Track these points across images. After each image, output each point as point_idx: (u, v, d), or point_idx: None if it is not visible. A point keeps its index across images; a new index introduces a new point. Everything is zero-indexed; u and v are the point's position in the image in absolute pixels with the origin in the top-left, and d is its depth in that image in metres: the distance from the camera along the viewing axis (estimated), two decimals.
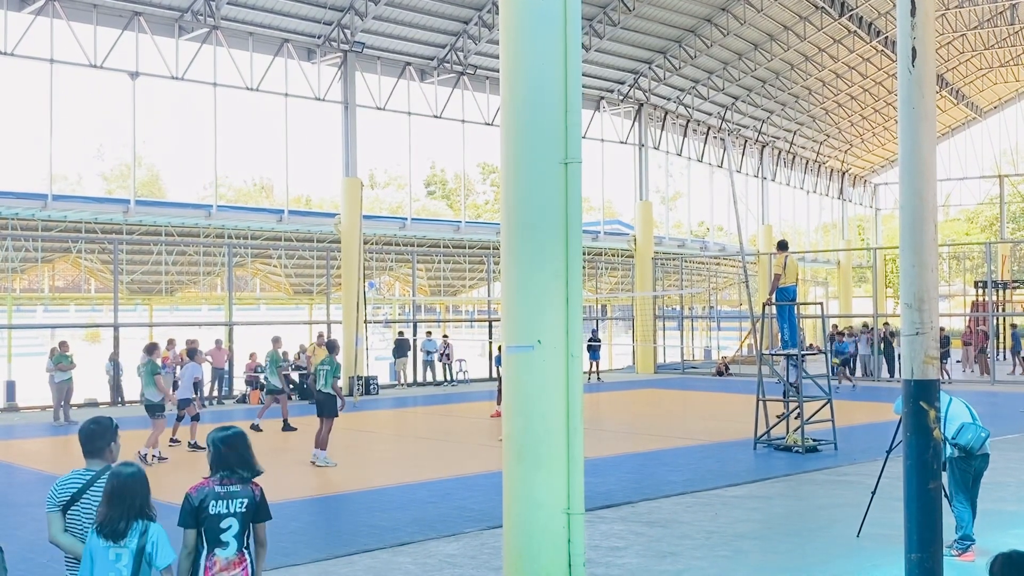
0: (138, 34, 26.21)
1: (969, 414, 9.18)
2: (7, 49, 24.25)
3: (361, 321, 26.82)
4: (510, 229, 7.49)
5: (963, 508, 9.10)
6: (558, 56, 7.34)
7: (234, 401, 26.19)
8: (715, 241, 47.61)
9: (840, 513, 11.02)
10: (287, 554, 9.44)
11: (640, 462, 15.54)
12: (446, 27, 31.48)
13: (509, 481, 7.45)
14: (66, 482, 5.04)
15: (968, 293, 47.81)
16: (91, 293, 34.60)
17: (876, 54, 43.21)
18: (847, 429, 17.48)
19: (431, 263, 37.12)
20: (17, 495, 12.90)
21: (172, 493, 12.83)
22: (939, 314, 6.61)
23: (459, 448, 17.11)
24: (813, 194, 53.70)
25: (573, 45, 7.41)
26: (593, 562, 8.76)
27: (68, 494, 4.99)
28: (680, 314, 41.44)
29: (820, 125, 49.46)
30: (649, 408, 24.38)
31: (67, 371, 21.71)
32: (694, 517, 10.99)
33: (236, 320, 28.93)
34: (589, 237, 38.22)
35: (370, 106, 31.17)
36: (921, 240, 6.26)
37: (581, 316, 7.52)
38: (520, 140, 7.44)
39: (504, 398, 7.72)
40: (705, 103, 41.79)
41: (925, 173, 6.29)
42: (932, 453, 6.27)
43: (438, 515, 11.30)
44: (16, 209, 26.64)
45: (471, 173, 63.25)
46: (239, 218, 32.05)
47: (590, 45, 33.85)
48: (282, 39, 28.89)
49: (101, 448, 5.16)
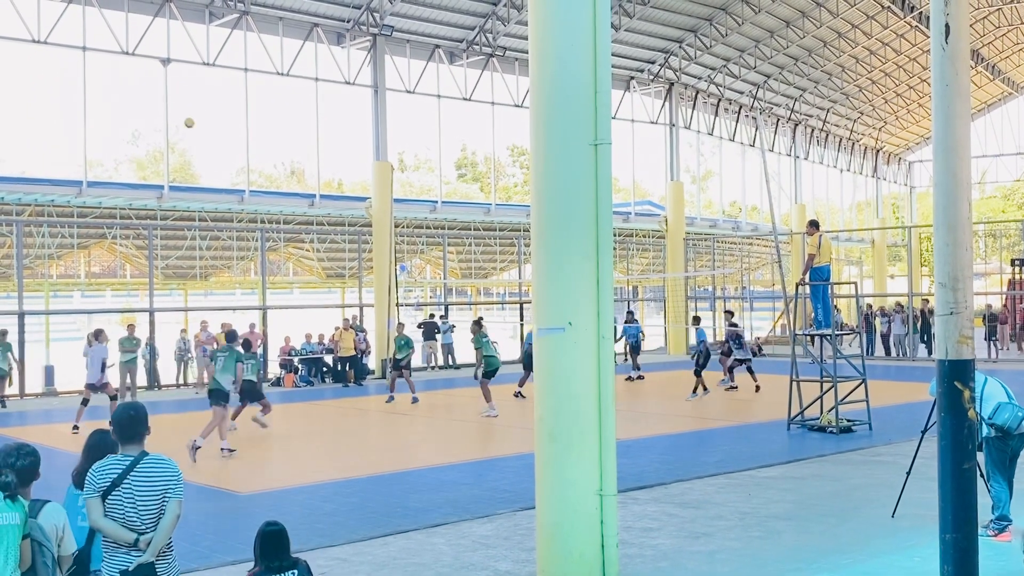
0: (169, 20, 26.35)
1: (1005, 393, 9.09)
2: (41, 37, 24.48)
3: (393, 304, 26.93)
4: (540, 211, 7.49)
5: (1000, 488, 9.02)
6: (587, 37, 7.31)
7: (269, 384, 26.42)
8: (747, 221, 47.29)
9: (875, 493, 10.96)
10: (323, 535, 9.54)
11: (672, 443, 15.53)
12: (475, 9, 31.40)
13: (541, 462, 7.48)
14: (104, 468, 5.10)
15: (1005, 271, 47.19)
16: (127, 278, 35.03)
17: (910, 30, 42.62)
18: (882, 409, 17.36)
19: (462, 246, 37.16)
20: (57, 478, 13.10)
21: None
22: (974, 293, 6.54)
23: (491, 429, 17.17)
24: (847, 172, 53.17)
25: (602, 25, 7.37)
26: (626, 543, 8.78)
27: (108, 480, 5.05)
28: (712, 295, 41.25)
29: (854, 103, 48.89)
30: (681, 389, 24.31)
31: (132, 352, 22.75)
32: (727, 498, 10.97)
33: (270, 304, 29.14)
34: (620, 218, 38.04)
35: (400, 89, 31.19)
36: (955, 219, 6.20)
37: (612, 298, 7.52)
38: (550, 122, 7.43)
39: (536, 380, 7.74)
40: (737, 82, 41.41)
41: (959, 151, 6.21)
42: (967, 433, 6.22)
43: (471, 496, 11.36)
44: (52, 196, 26.95)
45: (501, 155, 63.23)
46: (271, 203, 32.24)
47: (619, 25, 33.63)
48: (312, 23, 28.94)
49: (141, 434, 5.22)
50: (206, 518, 10.46)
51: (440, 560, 8.61)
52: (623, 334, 27.66)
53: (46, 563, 4.84)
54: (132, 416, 5.22)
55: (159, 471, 5.13)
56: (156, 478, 5.10)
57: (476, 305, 40.83)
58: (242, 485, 12.43)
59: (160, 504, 5.09)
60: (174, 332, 28.60)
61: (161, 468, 5.14)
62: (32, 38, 24.40)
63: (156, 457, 5.19)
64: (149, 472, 5.10)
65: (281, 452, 15.69)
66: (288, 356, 27.46)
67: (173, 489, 5.13)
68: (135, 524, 5.04)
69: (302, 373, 27.24)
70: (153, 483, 5.08)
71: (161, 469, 5.14)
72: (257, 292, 29.57)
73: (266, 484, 12.56)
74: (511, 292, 44.58)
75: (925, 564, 7.96)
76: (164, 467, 5.16)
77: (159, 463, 5.16)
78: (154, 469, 5.12)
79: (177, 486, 5.16)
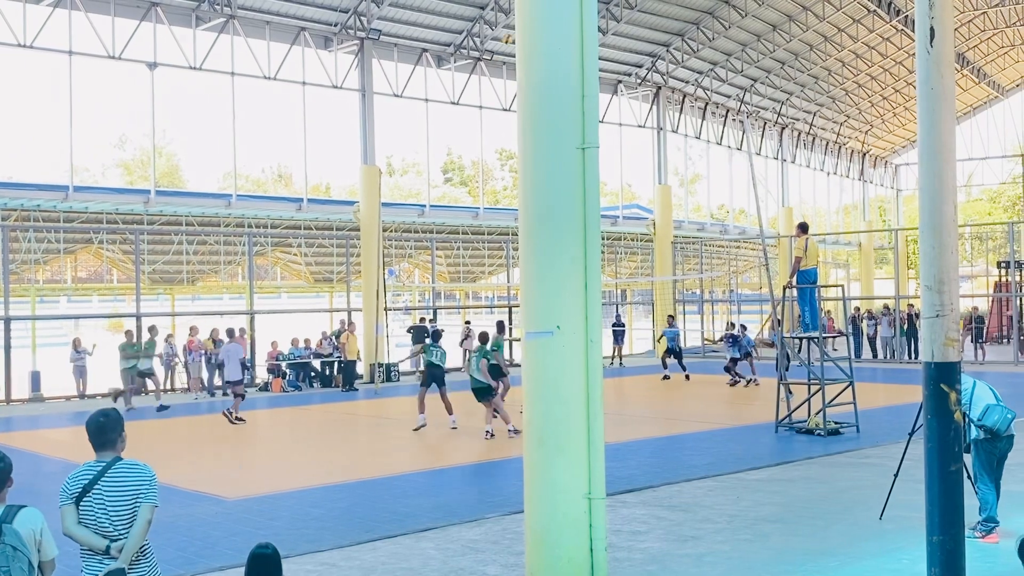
0: (155, 25, 26.27)
1: (993, 396, 9.14)
2: (26, 42, 24.38)
3: (381, 308, 26.88)
4: (528, 215, 7.49)
5: (987, 490, 9.06)
6: (574, 41, 7.32)
7: (256, 389, 26.33)
8: (735, 224, 47.38)
9: (862, 496, 10.99)
10: (311, 540, 9.51)
11: (661, 446, 15.55)
12: (462, 13, 31.40)
13: (530, 466, 7.47)
14: (77, 475, 5.08)
15: (991, 274, 47.42)
16: (113, 283, 34.88)
17: (896, 33, 42.81)
18: (869, 411, 17.41)
19: (450, 250, 37.14)
20: (44, 485, 13.03)
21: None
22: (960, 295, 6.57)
23: (479, 433, 17.15)
24: (833, 175, 53.33)
25: (590, 29, 7.38)
26: (615, 546, 8.78)
27: (79, 486, 5.02)
28: (700, 298, 41.32)
29: (840, 106, 49.07)
30: (670, 392, 24.36)
31: (132, 359, 22.30)
32: (716, 501, 10.98)
33: (257, 308, 29.05)
34: (608, 222, 38.09)
35: (387, 93, 31.16)
36: (940, 221, 6.22)
37: (600, 301, 7.52)
38: (537, 126, 7.44)
39: (524, 384, 7.73)
40: (724, 85, 41.54)
41: (944, 154, 6.24)
42: (953, 435, 6.24)
43: (460, 501, 11.35)
44: (38, 201, 26.83)
45: (489, 159, 63.27)
46: (259, 207, 32.15)
47: (607, 29, 33.69)
48: (299, 27, 28.90)
49: (113, 440, 5.17)
50: (192, 524, 10.42)
51: (428, 564, 8.60)
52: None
53: (22, 568, 4.79)
54: (102, 423, 5.17)
55: (131, 476, 5.08)
56: (127, 483, 5.05)
57: (464, 309, 40.79)
58: (229, 490, 12.38)
59: (132, 509, 5.03)
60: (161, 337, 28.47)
61: (133, 473, 5.09)
62: (18, 42, 24.28)
63: (129, 462, 5.14)
64: (120, 477, 5.05)
65: (269, 457, 15.64)
66: (276, 361, 27.39)
67: (146, 494, 5.07)
68: (107, 530, 5.00)
69: (290, 378, 27.17)
70: (124, 488, 5.04)
71: (133, 474, 5.09)
72: (245, 297, 29.48)
73: (253, 489, 12.52)
74: (499, 296, 44.57)
75: (913, 566, 7.98)
76: (136, 472, 5.10)
77: (131, 468, 5.11)
78: (125, 474, 5.07)
79: (150, 491, 5.09)
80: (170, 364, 26.65)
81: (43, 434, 18.16)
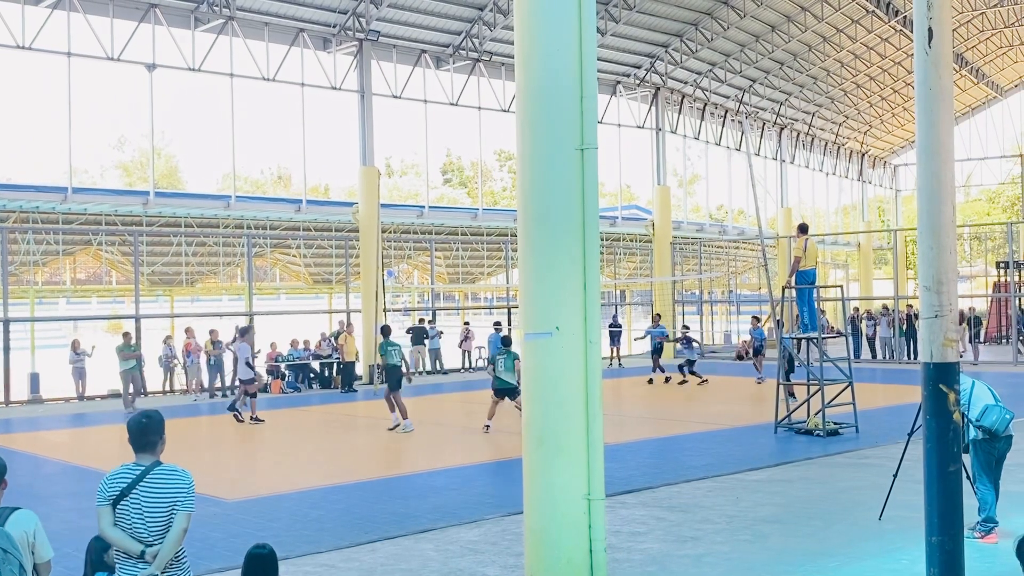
0: (154, 26, 26.27)
1: (992, 396, 9.14)
2: (25, 43, 24.37)
3: (380, 310, 26.87)
4: (527, 216, 7.49)
5: (986, 490, 9.06)
6: (573, 41, 7.32)
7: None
8: (734, 225, 47.38)
9: (862, 496, 10.99)
10: (310, 541, 9.51)
11: (660, 447, 15.55)
12: (461, 14, 31.40)
13: (529, 467, 7.47)
14: (116, 476, 5.00)
15: (990, 274, 47.44)
16: (112, 285, 34.85)
17: (895, 34, 42.82)
18: (868, 412, 17.41)
19: (449, 251, 37.13)
20: (43, 487, 13.03)
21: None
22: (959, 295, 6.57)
23: (478, 434, 17.14)
24: (832, 176, 53.34)
25: (588, 30, 7.38)
26: (614, 547, 8.78)
27: (117, 489, 4.95)
28: (699, 298, 41.31)
29: (839, 106, 49.09)
30: (669, 393, 24.36)
31: (130, 359, 22.39)
32: (715, 501, 10.98)
33: (256, 310, 29.03)
34: (607, 222, 38.10)
35: (386, 94, 31.16)
36: (939, 222, 6.22)
37: (599, 302, 7.52)
38: (536, 127, 7.44)
39: (523, 384, 7.73)
40: (722, 86, 41.54)
41: (942, 154, 6.24)
42: (952, 436, 6.24)
43: (459, 502, 11.34)
44: (37, 202, 26.82)
45: (488, 160, 63.22)
46: (257, 208, 32.15)
47: (606, 29, 33.69)
48: (297, 29, 28.89)
49: (154, 443, 5.10)
50: (192, 525, 10.32)
51: (428, 566, 8.60)
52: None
53: (13, 571, 4.76)
54: (144, 424, 5.10)
55: (169, 482, 5.01)
56: (165, 489, 4.98)
57: (464, 310, 40.78)
58: (228, 492, 12.37)
59: (168, 516, 4.96)
60: (160, 339, 28.46)
61: (172, 479, 5.02)
62: (16, 44, 24.27)
63: (168, 468, 5.06)
64: (159, 483, 4.98)
65: (268, 459, 15.63)
66: (275, 362, 27.39)
67: (183, 502, 5.00)
68: (142, 535, 4.93)
69: (289, 379, 27.16)
70: (162, 494, 4.97)
71: (172, 480, 5.02)
72: (244, 298, 29.45)
73: (252, 491, 12.51)
74: (499, 297, 44.56)
75: (912, 566, 7.99)
76: (175, 478, 5.03)
77: (171, 474, 5.04)
78: (164, 480, 5.00)
79: (188, 499, 5.02)
80: (169, 366, 26.63)
81: (42, 436, 18.14)
